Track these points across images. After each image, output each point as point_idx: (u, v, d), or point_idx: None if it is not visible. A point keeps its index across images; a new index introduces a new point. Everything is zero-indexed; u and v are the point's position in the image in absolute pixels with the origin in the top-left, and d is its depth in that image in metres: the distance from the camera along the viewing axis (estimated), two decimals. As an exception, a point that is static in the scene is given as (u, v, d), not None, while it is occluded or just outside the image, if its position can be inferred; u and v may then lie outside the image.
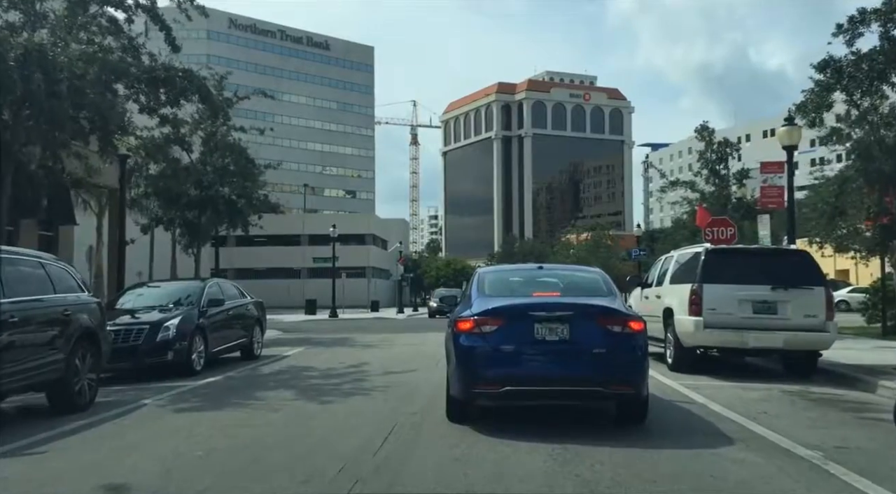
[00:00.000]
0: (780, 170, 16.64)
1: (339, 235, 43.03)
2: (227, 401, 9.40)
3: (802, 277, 11.53)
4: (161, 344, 11.94)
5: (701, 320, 11.50)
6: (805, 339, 11.29)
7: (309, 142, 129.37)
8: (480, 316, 7.15)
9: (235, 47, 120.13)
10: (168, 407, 9.05)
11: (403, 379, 11.36)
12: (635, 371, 7.10)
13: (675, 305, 12.34)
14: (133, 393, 10.33)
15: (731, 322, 11.44)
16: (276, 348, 17.86)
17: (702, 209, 20.89)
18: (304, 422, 7.76)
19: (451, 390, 7.46)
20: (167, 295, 13.92)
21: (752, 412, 8.30)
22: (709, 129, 25.34)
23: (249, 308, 15.58)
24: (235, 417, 8.17)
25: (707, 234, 19.82)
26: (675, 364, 12.30)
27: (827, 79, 16.19)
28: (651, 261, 43.37)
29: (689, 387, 10.28)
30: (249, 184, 23.29)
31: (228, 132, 22.99)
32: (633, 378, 7.08)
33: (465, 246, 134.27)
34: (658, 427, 7.35)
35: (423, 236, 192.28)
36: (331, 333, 24.24)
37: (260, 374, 12.63)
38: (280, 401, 9.33)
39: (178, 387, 10.81)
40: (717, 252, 12.32)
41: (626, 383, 7.04)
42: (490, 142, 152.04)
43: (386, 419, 7.84)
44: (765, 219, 17.63)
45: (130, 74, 14.15)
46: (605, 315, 7.20)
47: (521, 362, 6.99)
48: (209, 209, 22.54)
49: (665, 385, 10.68)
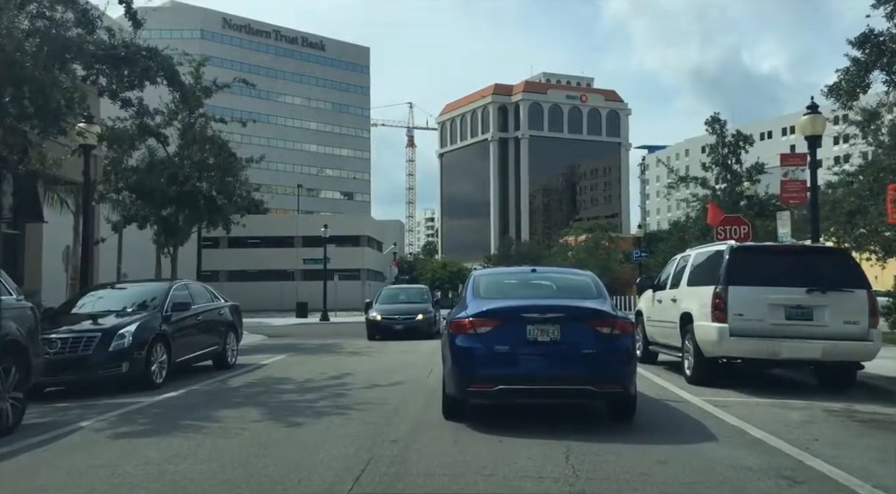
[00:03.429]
0: (803, 163, 15.26)
1: (334, 237, 41.67)
2: (178, 424, 7.99)
3: (841, 278, 10.18)
4: (115, 354, 10.53)
5: (726, 327, 10.14)
6: (846, 349, 9.93)
7: (304, 143, 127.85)
8: (475, 318, 7.42)
9: (230, 47, 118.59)
10: (106, 432, 7.64)
11: (388, 395, 9.97)
12: (623, 370, 7.35)
13: (695, 310, 10.98)
14: (76, 412, 8.95)
15: (761, 329, 10.07)
16: (256, 356, 16.47)
17: (713, 206, 19.56)
18: (258, 455, 6.36)
19: (446, 388, 7.75)
20: (130, 298, 12.51)
21: (802, 439, 6.93)
22: (720, 122, 23.89)
23: (222, 312, 14.18)
24: (179, 446, 6.77)
25: (719, 233, 18.57)
26: (694, 376, 10.94)
27: (866, 56, 14.56)
28: (652, 263, 42.27)
29: (715, 405, 8.91)
30: (231, 180, 21.81)
31: (207, 123, 21.50)
32: (622, 377, 7.33)
33: (461, 248, 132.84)
34: (699, 461, 5.98)
35: (419, 238, 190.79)
36: (318, 338, 22.84)
37: (228, 388, 11.22)
38: (240, 424, 7.93)
39: (131, 404, 9.43)
40: (743, 250, 10.92)
41: (615, 382, 7.30)
42: (486, 143, 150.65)
43: (360, 450, 6.46)
44: (785, 215, 16.25)
45: (85, 51, 12.71)
46: (594, 317, 7.45)
47: (514, 362, 7.23)
48: (187, 206, 21.04)
49: (686, 401, 9.32)
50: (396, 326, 21.65)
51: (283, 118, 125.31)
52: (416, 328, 21.66)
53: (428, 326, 21.91)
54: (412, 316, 22.06)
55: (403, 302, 23.34)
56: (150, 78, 14.26)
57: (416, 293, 25.18)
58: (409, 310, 22.42)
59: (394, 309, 22.55)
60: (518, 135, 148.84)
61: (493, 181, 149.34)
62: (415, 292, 25.52)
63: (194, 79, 20.51)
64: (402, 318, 21.96)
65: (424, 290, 25.94)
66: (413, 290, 26.39)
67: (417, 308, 22.62)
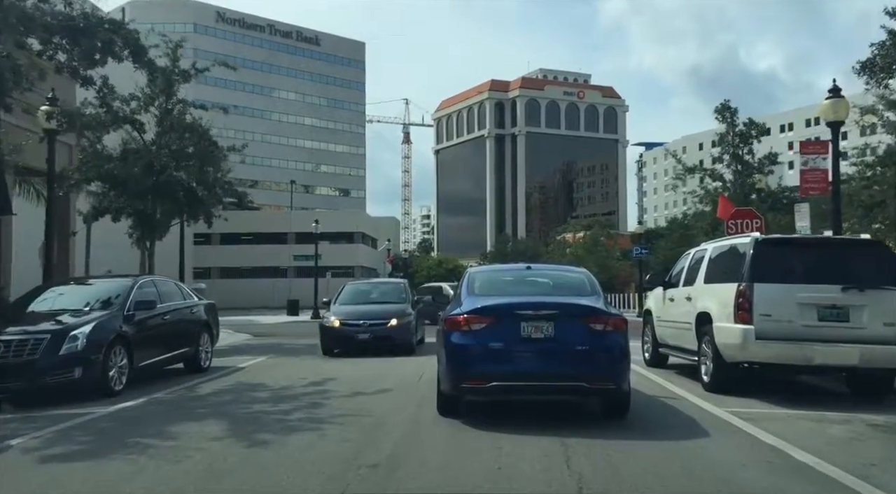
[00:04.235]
0: (824, 151, 14.15)
1: (327, 233, 40.52)
2: (124, 442, 6.88)
3: (880, 275, 9.08)
4: (65, 359, 9.37)
5: (752, 329, 9.03)
6: (887, 354, 8.82)
7: (299, 139, 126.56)
8: (469, 315, 7.41)
9: (223, 41, 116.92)
10: (36, 453, 6.52)
11: (372, 405, 8.87)
12: (617, 367, 7.36)
13: (714, 309, 9.88)
14: (12, 427, 7.84)
15: (791, 332, 8.96)
16: (234, 357, 15.32)
17: (724, 199, 18.43)
18: (203, 487, 5.25)
19: (441, 385, 7.73)
20: (91, 295, 11.30)
21: (855, 464, 5.84)
22: (731, 109, 22.59)
23: (195, 311, 12.99)
24: (114, 473, 5.66)
25: (730, 227, 17.51)
26: (713, 383, 9.84)
27: None
28: (652, 261, 41.15)
29: (743, 418, 7.82)
30: (210, 169, 20.50)
31: (186, 110, 20.21)
32: (615, 374, 7.34)
33: (457, 245, 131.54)
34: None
35: (415, 236, 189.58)
36: (306, 338, 21.58)
37: (194, 396, 10.08)
38: (196, 442, 6.81)
39: (79, 416, 8.31)
40: (770, 242, 9.79)
41: (609, 379, 7.30)
42: (483, 140, 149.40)
43: (332, 478, 5.37)
44: (803, 208, 15.08)
45: (37, 21, 11.53)
46: (588, 314, 7.46)
47: (508, 359, 7.24)
48: (165, 198, 19.76)
49: (708, 412, 8.24)
50: (360, 335, 15.61)
51: (278, 113, 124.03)
52: (387, 337, 15.63)
53: (404, 335, 15.96)
54: (383, 321, 15.88)
55: (374, 303, 17.09)
56: (113, 53, 13.08)
57: (392, 290, 18.16)
58: (379, 313, 16.22)
59: (359, 311, 16.38)
60: (515, 132, 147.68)
61: (489, 178, 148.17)
62: (389, 289, 18.47)
63: (171, 61, 19.30)
64: (368, 324, 15.78)
65: (402, 286, 18.52)
66: (387, 286, 19.21)
67: (391, 309, 16.36)
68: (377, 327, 15.77)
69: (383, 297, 17.55)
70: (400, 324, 15.96)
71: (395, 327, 15.85)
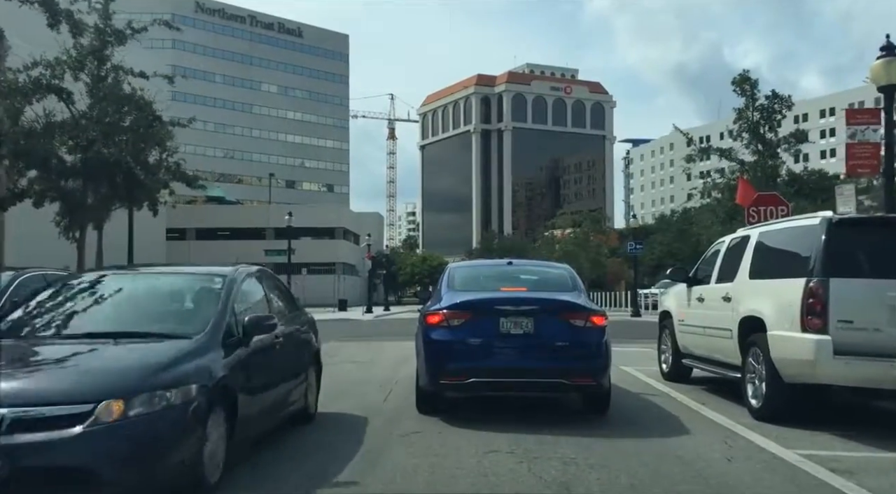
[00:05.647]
0: (875, 121, 11.82)
1: (308, 229, 38.25)
2: None
3: None
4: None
5: (827, 340, 6.68)
6: None
7: (280, 133, 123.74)
8: (448, 310, 7.36)
9: (202, 32, 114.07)
10: None
11: (320, 437, 6.49)
12: (597, 363, 7.27)
13: (769, 313, 7.53)
14: None
15: (880, 344, 6.65)
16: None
17: (745, 183, 16.09)
18: None
19: (419, 382, 7.66)
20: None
21: None
22: (750, 80, 20.01)
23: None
24: None
25: (751, 215, 15.27)
26: (765, 409, 7.49)
27: None
28: (647, 257, 39.01)
29: (828, 467, 5.49)
30: (153, 148, 17.80)
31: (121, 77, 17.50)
32: (595, 370, 7.25)
33: (443, 242, 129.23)
34: None
35: (400, 232, 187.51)
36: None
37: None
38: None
39: None
40: (849, 224, 7.36)
41: (588, 375, 7.23)
42: (469, 135, 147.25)
43: None
44: (847, 189, 12.57)
45: None
46: (568, 309, 7.40)
47: (487, 355, 7.17)
48: (101, 180, 17.06)
49: (777, 457, 5.88)
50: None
51: (259, 106, 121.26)
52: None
53: None
54: None
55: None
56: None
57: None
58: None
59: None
60: (501, 127, 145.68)
61: (475, 174, 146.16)
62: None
63: (102, 19, 16.69)
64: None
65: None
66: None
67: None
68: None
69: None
70: None
71: None
